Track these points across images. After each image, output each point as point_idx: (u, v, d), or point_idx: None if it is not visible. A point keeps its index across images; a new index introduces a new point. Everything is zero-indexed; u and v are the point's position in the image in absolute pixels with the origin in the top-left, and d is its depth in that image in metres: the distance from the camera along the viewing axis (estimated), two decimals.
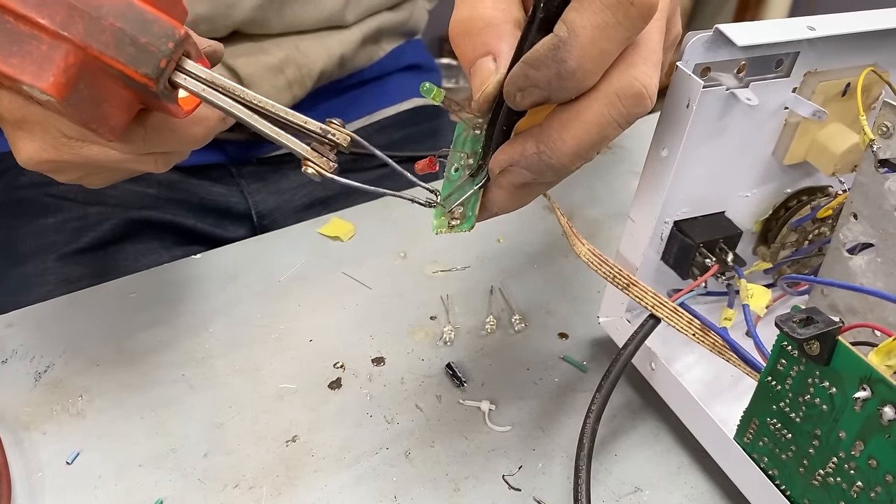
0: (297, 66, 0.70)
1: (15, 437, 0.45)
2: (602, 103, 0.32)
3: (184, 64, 0.35)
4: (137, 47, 0.34)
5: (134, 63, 0.34)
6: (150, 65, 0.34)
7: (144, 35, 0.34)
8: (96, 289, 0.55)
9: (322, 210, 0.73)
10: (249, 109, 0.36)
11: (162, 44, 0.34)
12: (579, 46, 0.30)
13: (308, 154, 0.36)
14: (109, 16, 0.33)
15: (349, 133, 0.36)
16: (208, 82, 0.36)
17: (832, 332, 0.34)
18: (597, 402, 0.43)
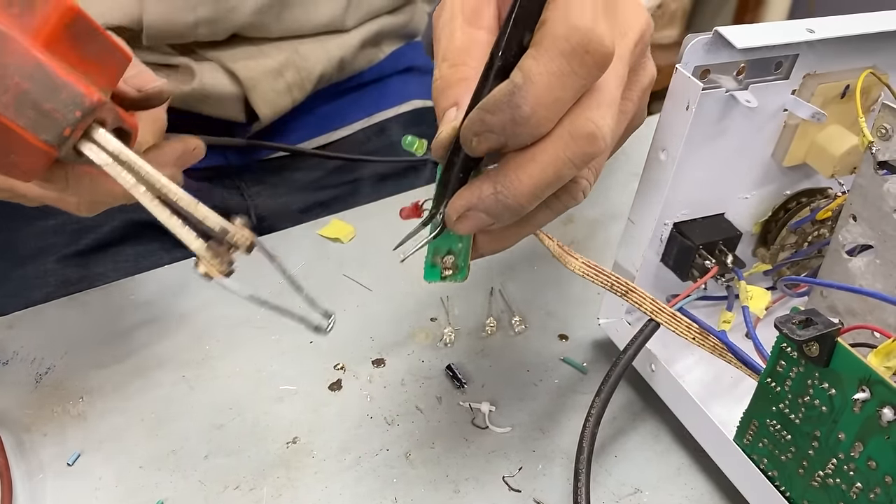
0: (297, 70, 0.70)
1: (16, 438, 0.45)
2: (557, 144, 0.33)
3: (93, 133, 0.34)
4: (40, 112, 0.32)
5: (34, 128, 0.32)
6: (51, 132, 0.32)
7: (50, 101, 0.32)
8: (97, 290, 0.55)
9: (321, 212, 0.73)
10: (151, 193, 0.34)
11: (68, 111, 0.32)
12: (534, 93, 0.31)
13: (202, 253, 0.34)
14: (14, 75, 0.31)
15: (252, 237, 0.34)
16: (115, 157, 0.34)
17: (831, 334, 0.35)
18: (596, 405, 0.43)
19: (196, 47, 0.67)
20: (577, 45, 0.31)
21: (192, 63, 0.66)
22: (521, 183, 0.34)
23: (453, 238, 0.39)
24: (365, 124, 0.80)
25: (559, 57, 0.31)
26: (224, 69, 0.68)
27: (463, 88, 0.34)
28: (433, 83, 0.36)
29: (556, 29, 0.31)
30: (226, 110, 0.70)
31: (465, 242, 0.39)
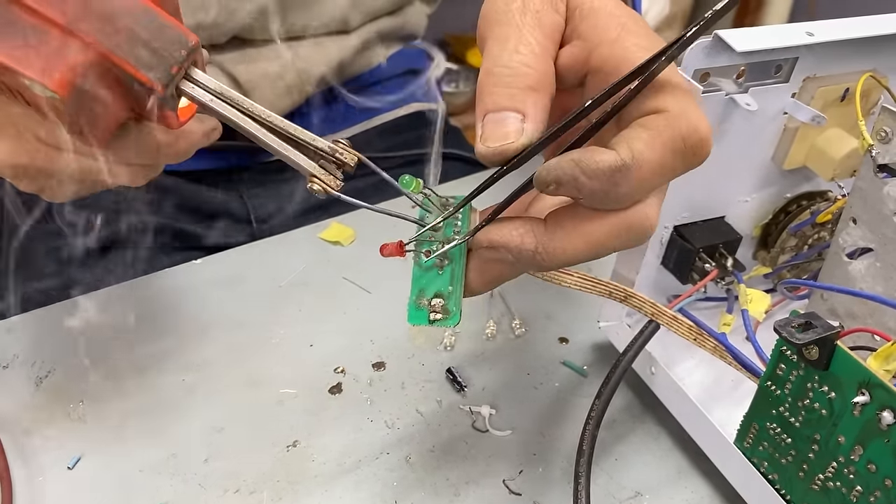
0: (297, 73, 0.70)
1: (16, 442, 0.45)
2: (613, 230, 0.33)
3: (192, 73, 0.35)
4: (150, 51, 0.33)
5: (145, 67, 0.33)
6: (161, 70, 0.33)
7: (158, 40, 0.33)
8: (97, 294, 0.56)
9: (321, 215, 0.73)
10: (257, 123, 0.35)
11: (175, 50, 0.34)
12: (638, 178, 0.31)
13: (315, 171, 0.36)
14: (124, 16, 0.33)
15: (357, 154, 0.36)
16: (216, 93, 0.35)
17: (831, 337, 0.35)
18: (596, 408, 0.43)
19: None
20: (692, 147, 0.31)
21: None
22: (564, 252, 0.33)
23: (444, 279, 0.37)
24: (364, 127, 0.80)
25: (672, 152, 0.31)
26: (224, 72, 0.68)
27: (531, 99, 0.33)
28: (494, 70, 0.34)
29: (677, 123, 0.31)
30: None
31: (457, 284, 0.36)
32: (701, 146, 0.31)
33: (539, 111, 0.33)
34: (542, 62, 0.33)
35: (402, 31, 0.82)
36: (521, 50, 0.33)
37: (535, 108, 0.33)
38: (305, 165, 0.36)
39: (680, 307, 0.45)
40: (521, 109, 0.33)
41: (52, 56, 0.32)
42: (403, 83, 0.84)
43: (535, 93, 0.33)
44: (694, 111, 0.31)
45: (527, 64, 0.33)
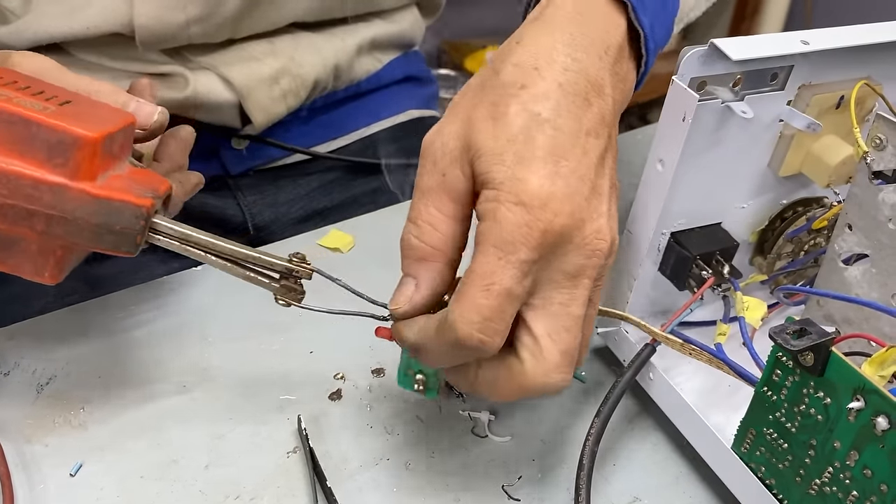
0: (292, 77, 0.70)
1: (17, 449, 0.45)
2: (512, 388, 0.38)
3: (156, 225, 0.40)
4: (114, 235, 0.38)
5: (115, 246, 0.39)
6: (128, 244, 0.39)
7: (117, 222, 0.38)
8: (97, 301, 0.56)
9: (319, 222, 0.73)
10: (220, 258, 0.41)
11: (134, 224, 0.39)
12: (434, 359, 0.40)
13: (278, 292, 0.42)
14: (84, 216, 0.37)
15: (312, 267, 0.42)
16: (180, 239, 0.40)
17: (825, 344, 0.35)
18: (596, 425, 0.43)
19: (190, 53, 0.67)
20: (464, 349, 0.37)
21: (185, 71, 0.66)
22: (487, 397, 0.41)
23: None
24: (362, 134, 0.80)
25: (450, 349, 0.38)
26: (218, 76, 0.68)
27: (423, 269, 0.39)
28: (402, 236, 0.40)
29: (447, 333, 0.37)
30: (221, 117, 0.70)
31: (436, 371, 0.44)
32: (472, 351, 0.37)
33: (428, 278, 0.39)
34: (437, 235, 0.39)
35: (400, 39, 0.82)
36: (419, 222, 0.39)
37: (427, 276, 0.39)
38: (270, 288, 0.42)
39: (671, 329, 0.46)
40: (415, 277, 0.40)
41: (37, 259, 0.39)
42: (401, 90, 0.84)
43: (426, 263, 0.39)
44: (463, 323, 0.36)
45: (420, 237, 0.39)
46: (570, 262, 0.37)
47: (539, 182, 0.36)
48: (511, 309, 0.36)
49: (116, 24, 0.62)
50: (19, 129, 0.36)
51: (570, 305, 0.37)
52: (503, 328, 0.37)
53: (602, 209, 0.38)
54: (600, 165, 0.39)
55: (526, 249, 0.36)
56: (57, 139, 0.37)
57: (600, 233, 0.38)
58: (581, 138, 0.38)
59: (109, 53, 0.65)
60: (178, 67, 0.66)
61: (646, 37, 0.43)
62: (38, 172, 0.37)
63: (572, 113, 0.38)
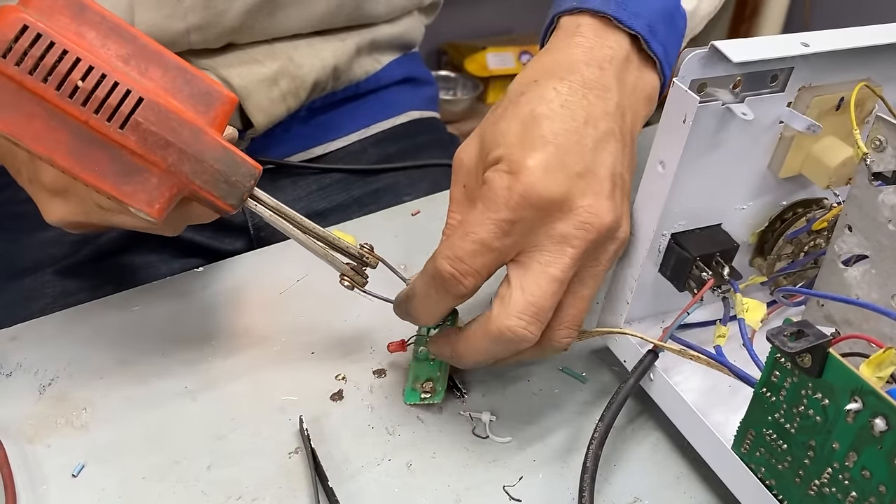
0: (291, 78, 0.71)
1: (20, 449, 0.45)
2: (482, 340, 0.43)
3: (255, 193, 0.44)
4: (229, 184, 0.42)
5: (224, 196, 0.42)
6: (235, 198, 0.43)
7: (235, 174, 0.42)
8: (99, 302, 0.56)
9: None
10: (304, 232, 0.45)
11: (246, 181, 0.43)
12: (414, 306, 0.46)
13: (346, 271, 0.46)
14: (211, 159, 0.41)
15: (380, 257, 0.47)
16: (273, 209, 0.45)
17: (823, 345, 0.35)
18: (599, 429, 0.43)
19: (190, 56, 0.67)
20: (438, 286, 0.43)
21: None
22: (465, 357, 0.45)
23: (433, 367, 0.49)
24: (362, 135, 0.81)
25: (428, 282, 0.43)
26: (218, 77, 0.68)
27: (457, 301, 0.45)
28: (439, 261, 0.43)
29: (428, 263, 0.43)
30: None
31: (443, 371, 0.49)
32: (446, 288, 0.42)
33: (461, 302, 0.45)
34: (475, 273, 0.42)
35: (399, 40, 0.82)
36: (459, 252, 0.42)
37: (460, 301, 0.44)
38: (339, 266, 0.46)
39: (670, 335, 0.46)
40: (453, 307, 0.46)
41: (153, 190, 0.41)
42: (400, 91, 0.84)
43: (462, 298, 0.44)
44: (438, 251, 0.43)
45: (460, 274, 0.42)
46: (555, 229, 0.41)
47: (528, 155, 0.41)
48: (486, 259, 0.41)
49: None
50: (177, 75, 0.42)
51: (549, 266, 0.41)
52: (474, 271, 0.41)
53: (599, 189, 0.41)
54: (599, 151, 0.42)
55: (506, 210, 0.40)
56: (206, 90, 0.42)
57: (593, 208, 0.41)
58: (576, 127, 0.42)
59: None
60: None
61: (661, 62, 0.47)
62: (185, 112, 0.41)
63: (567, 109, 0.42)
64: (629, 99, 0.45)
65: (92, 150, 0.40)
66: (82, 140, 0.40)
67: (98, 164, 0.40)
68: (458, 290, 0.42)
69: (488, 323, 0.42)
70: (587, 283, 0.43)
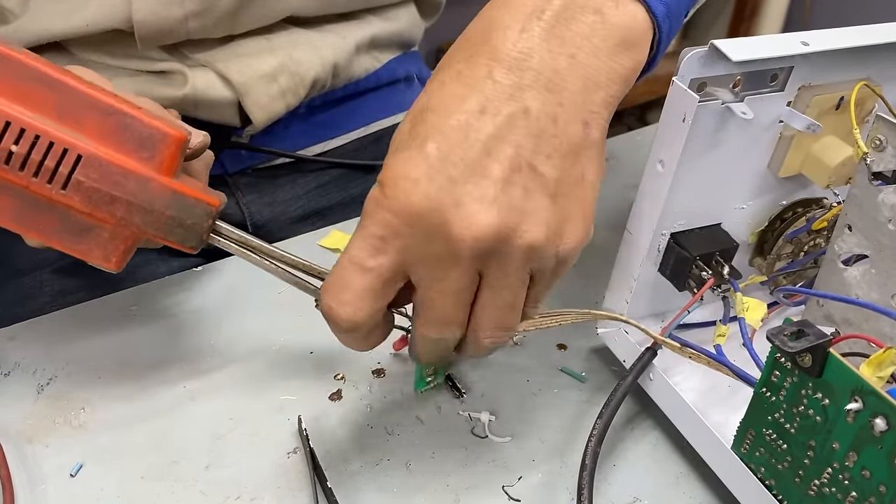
0: (290, 75, 0.70)
1: (18, 449, 0.45)
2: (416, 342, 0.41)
3: (218, 228, 0.43)
4: (185, 228, 0.41)
5: (181, 241, 0.41)
6: (194, 240, 0.42)
7: (189, 218, 0.41)
8: (97, 302, 0.56)
9: (318, 221, 0.73)
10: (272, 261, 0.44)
11: (203, 221, 0.41)
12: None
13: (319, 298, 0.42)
14: (162, 207, 0.40)
15: None
16: (239, 242, 0.43)
17: (823, 345, 0.35)
18: (598, 427, 0.43)
19: (189, 51, 0.67)
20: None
21: (184, 68, 0.66)
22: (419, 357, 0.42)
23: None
24: (361, 133, 0.80)
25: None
26: (217, 74, 0.68)
27: None
28: None
29: None
30: (220, 115, 0.70)
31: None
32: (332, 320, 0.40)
33: None
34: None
35: (399, 38, 0.82)
36: None
37: None
38: (313, 291, 0.44)
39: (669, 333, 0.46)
40: None
41: (107, 245, 0.41)
42: (400, 90, 0.84)
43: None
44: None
45: None
46: (429, 247, 0.36)
47: (396, 163, 0.36)
48: (363, 283, 0.37)
49: (115, 20, 0.62)
50: (114, 121, 0.39)
51: (435, 284, 0.37)
52: (353, 300, 0.38)
53: (482, 193, 0.35)
54: (494, 144, 0.36)
55: (375, 225, 0.36)
56: (148, 133, 0.40)
57: (470, 218, 0.35)
58: (467, 120, 0.36)
59: (109, 51, 0.65)
60: (177, 65, 0.66)
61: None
62: (127, 162, 0.39)
63: (459, 99, 0.36)
64: (572, 59, 0.37)
65: (39, 213, 0.39)
66: (27, 203, 0.39)
67: (47, 225, 0.40)
68: (341, 324, 0.38)
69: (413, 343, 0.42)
70: (499, 293, 0.38)
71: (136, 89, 0.66)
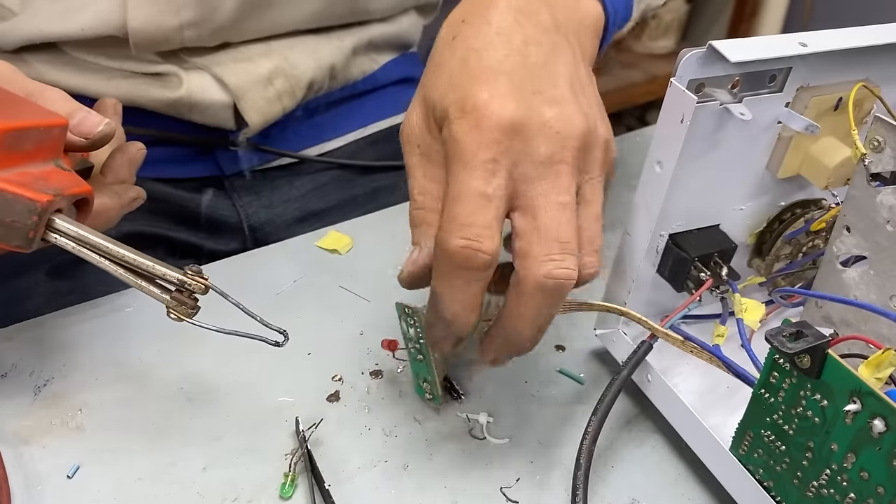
0: (286, 77, 0.70)
1: (14, 451, 0.45)
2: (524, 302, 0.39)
3: (53, 223, 0.39)
4: (5, 226, 0.38)
5: (5, 239, 0.38)
6: (19, 239, 0.38)
7: (8, 215, 0.38)
8: (95, 302, 0.56)
9: (315, 223, 0.73)
10: (114, 263, 0.40)
11: (26, 219, 0.38)
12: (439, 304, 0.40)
13: (170, 304, 0.40)
14: None
15: (205, 281, 0.41)
16: (77, 240, 0.40)
17: (821, 346, 0.35)
18: (593, 423, 0.43)
19: (184, 54, 0.67)
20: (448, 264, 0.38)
21: (179, 71, 0.66)
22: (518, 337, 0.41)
23: (423, 369, 0.47)
24: (359, 135, 0.80)
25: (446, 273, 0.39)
26: (212, 77, 0.67)
27: (423, 231, 0.41)
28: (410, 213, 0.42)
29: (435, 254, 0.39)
30: (215, 118, 0.70)
31: (432, 377, 0.47)
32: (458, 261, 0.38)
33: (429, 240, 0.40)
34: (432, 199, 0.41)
35: (397, 40, 0.82)
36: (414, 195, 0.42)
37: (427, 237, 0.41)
38: (160, 299, 0.40)
39: (671, 324, 0.46)
40: (418, 242, 0.42)
41: None
42: (398, 92, 0.84)
43: (427, 227, 0.41)
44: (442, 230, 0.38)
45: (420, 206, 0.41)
46: (536, 152, 0.38)
47: (475, 92, 0.38)
48: (489, 213, 0.37)
49: (111, 26, 0.62)
50: None
51: (550, 194, 0.38)
52: (486, 231, 0.37)
53: (560, 98, 0.39)
54: (549, 64, 0.40)
55: (483, 149, 0.37)
56: None
57: (562, 116, 0.39)
58: (518, 48, 0.40)
59: (104, 53, 0.65)
60: (172, 67, 0.66)
61: None
62: None
63: (503, 36, 0.40)
64: (565, 20, 0.43)
65: None
66: None
67: None
68: (480, 260, 0.37)
69: (522, 286, 0.39)
70: (590, 200, 0.41)
71: (130, 90, 0.66)
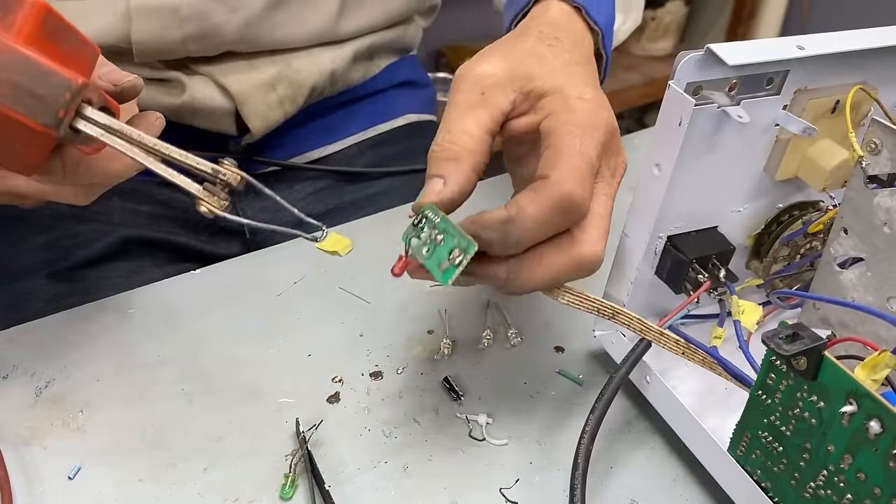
0: (289, 83, 0.71)
1: (16, 452, 0.45)
2: (561, 264, 0.41)
3: (83, 111, 0.38)
4: (35, 99, 0.36)
5: (32, 114, 0.36)
6: (48, 115, 0.36)
7: (42, 87, 0.36)
8: (95, 304, 0.56)
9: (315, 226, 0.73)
10: (145, 152, 0.38)
11: (59, 95, 0.36)
12: (522, 228, 0.39)
13: (200, 193, 0.38)
14: (6, 69, 0.35)
15: (241, 173, 0.39)
16: (107, 127, 0.38)
17: (818, 348, 0.35)
18: (591, 423, 0.43)
19: (188, 62, 0.67)
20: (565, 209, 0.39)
21: (182, 77, 0.67)
22: (528, 282, 0.41)
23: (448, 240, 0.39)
24: (359, 139, 0.80)
25: (550, 210, 0.39)
26: (215, 83, 0.68)
27: (453, 167, 0.41)
28: (433, 147, 0.42)
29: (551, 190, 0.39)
30: (217, 124, 0.70)
31: (457, 233, 0.39)
32: (572, 209, 0.40)
33: (456, 176, 0.41)
34: (470, 139, 0.42)
35: (398, 44, 0.82)
36: (453, 130, 0.42)
37: (455, 173, 0.41)
38: (191, 189, 0.39)
39: (669, 324, 0.46)
40: (443, 175, 0.42)
41: None
42: (398, 95, 0.84)
43: (456, 162, 0.41)
44: (571, 180, 0.39)
45: (452, 141, 0.42)
46: (612, 161, 0.43)
47: (589, 91, 0.43)
48: (592, 180, 0.41)
49: (114, 37, 0.63)
50: None
51: (610, 197, 0.43)
52: (591, 192, 0.41)
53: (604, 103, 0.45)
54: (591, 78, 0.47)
55: (600, 132, 0.42)
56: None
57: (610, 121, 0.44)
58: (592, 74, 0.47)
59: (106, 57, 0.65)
60: (175, 73, 0.67)
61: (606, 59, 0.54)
62: None
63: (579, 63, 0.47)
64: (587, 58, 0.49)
65: None
66: None
67: None
68: (582, 212, 0.41)
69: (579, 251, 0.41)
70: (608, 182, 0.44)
71: None
